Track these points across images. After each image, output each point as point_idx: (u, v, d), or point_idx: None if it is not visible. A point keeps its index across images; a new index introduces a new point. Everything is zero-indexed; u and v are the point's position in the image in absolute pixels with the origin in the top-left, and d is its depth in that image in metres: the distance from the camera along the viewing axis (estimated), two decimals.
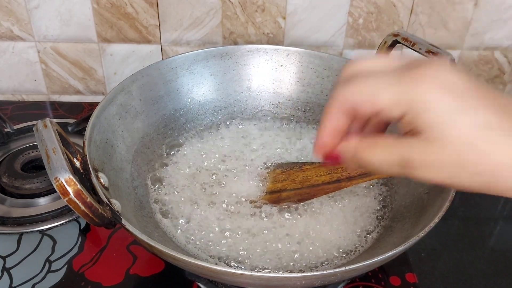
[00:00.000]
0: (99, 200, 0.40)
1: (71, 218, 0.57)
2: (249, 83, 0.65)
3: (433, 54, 0.52)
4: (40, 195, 0.59)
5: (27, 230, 0.55)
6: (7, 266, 0.51)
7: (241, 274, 0.37)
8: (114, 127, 0.52)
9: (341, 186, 0.51)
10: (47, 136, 0.40)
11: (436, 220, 0.41)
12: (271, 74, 0.65)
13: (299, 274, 0.37)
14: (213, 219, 0.51)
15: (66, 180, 0.36)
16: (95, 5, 0.71)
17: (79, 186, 0.37)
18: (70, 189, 0.36)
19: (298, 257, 0.48)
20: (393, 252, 0.38)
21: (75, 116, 0.74)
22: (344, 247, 0.49)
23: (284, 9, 0.71)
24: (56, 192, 0.42)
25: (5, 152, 0.65)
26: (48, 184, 0.59)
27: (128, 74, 0.57)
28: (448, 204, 0.43)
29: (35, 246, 0.54)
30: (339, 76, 0.33)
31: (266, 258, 0.48)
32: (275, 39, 0.74)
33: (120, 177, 0.50)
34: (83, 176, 0.43)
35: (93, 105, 0.77)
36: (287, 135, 0.63)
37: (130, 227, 0.39)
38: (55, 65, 0.76)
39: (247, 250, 0.48)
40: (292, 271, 0.46)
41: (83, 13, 0.71)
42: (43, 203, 0.58)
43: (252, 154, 0.60)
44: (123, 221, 0.40)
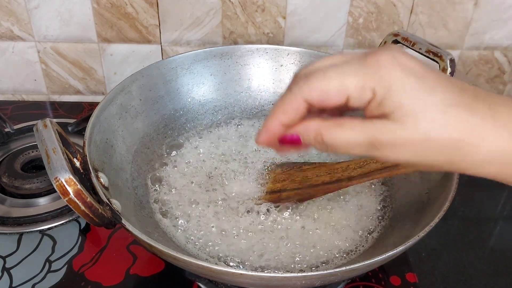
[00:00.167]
0: (99, 200, 0.40)
1: (71, 218, 0.57)
2: (249, 83, 0.65)
3: (433, 54, 0.52)
4: (40, 195, 0.59)
5: (27, 230, 0.55)
6: (7, 266, 0.51)
7: (241, 274, 0.37)
8: (114, 127, 0.52)
9: (341, 186, 0.51)
10: (47, 136, 0.40)
11: (436, 220, 0.41)
12: (271, 74, 0.65)
13: (299, 274, 0.37)
14: (213, 219, 0.51)
15: (66, 180, 0.36)
16: (95, 5, 0.71)
17: (79, 186, 0.37)
18: (70, 189, 0.36)
19: (298, 257, 0.48)
20: (393, 252, 0.38)
21: (75, 116, 0.74)
22: (344, 247, 0.49)
23: (284, 9, 0.71)
24: (56, 192, 0.42)
25: (5, 152, 0.65)
26: (48, 184, 0.59)
27: (128, 74, 0.57)
28: (448, 204, 0.43)
29: (35, 246, 0.54)
30: (292, 77, 0.33)
31: (266, 258, 0.48)
32: (275, 39, 0.74)
33: (120, 177, 0.50)
34: (83, 176, 0.43)
35: (93, 105, 0.77)
36: None
37: (130, 227, 0.39)
38: (55, 65, 0.76)
39: (247, 250, 0.48)
40: (292, 271, 0.46)
41: (83, 13, 0.71)
42: (43, 203, 0.58)
43: (252, 154, 0.60)
44: (123, 221, 0.40)
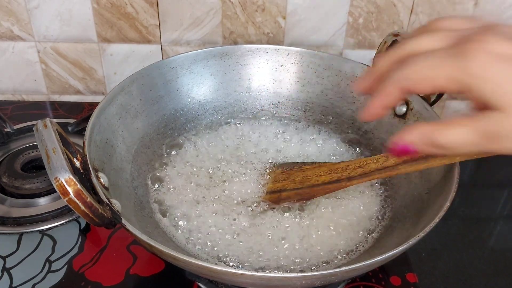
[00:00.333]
0: (99, 200, 0.40)
1: (71, 218, 0.57)
2: (249, 83, 0.65)
3: None
4: (40, 195, 0.58)
5: (27, 230, 0.55)
6: (7, 266, 0.51)
7: (241, 274, 0.37)
8: (114, 127, 0.52)
9: (341, 186, 0.51)
10: (47, 136, 0.40)
11: (436, 220, 0.41)
12: (271, 74, 0.65)
13: (299, 274, 0.37)
14: (213, 219, 0.51)
15: (66, 180, 0.36)
16: (95, 5, 0.71)
17: (79, 186, 0.37)
18: (70, 189, 0.36)
19: (298, 257, 0.48)
20: (394, 252, 0.38)
21: (75, 116, 0.74)
22: (345, 247, 0.49)
23: (284, 9, 0.71)
24: (56, 192, 0.42)
25: (5, 152, 0.65)
26: (48, 184, 0.59)
27: (128, 74, 0.57)
28: (448, 204, 0.42)
29: (35, 246, 0.54)
30: (389, 51, 0.34)
31: (266, 258, 0.48)
32: (275, 39, 0.74)
33: (120, 177, 0.50)
34: (83, 176, 0.43)
35: (93, 105, 0.77)
36: (287, 135, 0.63)
37: (130, 227, 0.39)
38: (55, 65, 0.76)
39: (247, 250, 0.48)
40: (292, 271, 0.46)
41: (83, 13, 0.71)
42: (43, 203, 0.58)
43: (252, 154, 0.60)
44: (123, 221, 0.40)
